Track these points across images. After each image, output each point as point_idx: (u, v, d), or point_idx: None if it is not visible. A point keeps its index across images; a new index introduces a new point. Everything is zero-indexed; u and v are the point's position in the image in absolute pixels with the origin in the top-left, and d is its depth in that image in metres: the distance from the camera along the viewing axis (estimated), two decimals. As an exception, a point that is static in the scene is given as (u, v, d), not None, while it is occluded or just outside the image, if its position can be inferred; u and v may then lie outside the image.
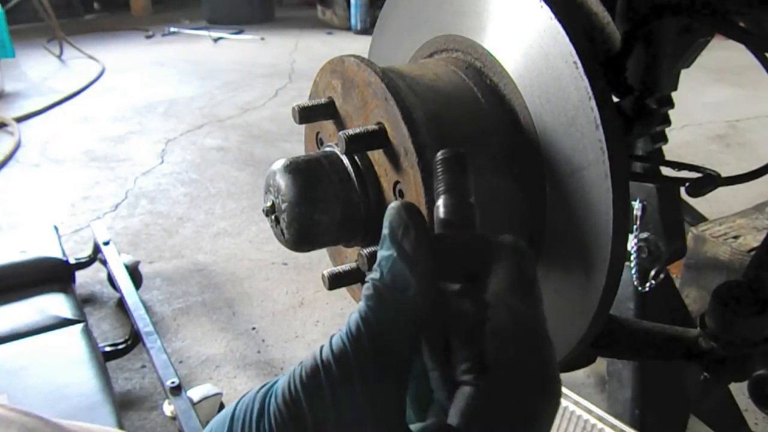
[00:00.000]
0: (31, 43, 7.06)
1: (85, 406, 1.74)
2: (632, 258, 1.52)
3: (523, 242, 0.50)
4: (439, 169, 0.51)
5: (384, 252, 0.47)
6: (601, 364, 1.89)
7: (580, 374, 2.23)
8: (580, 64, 0.61)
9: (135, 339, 2.31)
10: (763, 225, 2.21)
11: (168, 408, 1.95)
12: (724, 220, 2.26)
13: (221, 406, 2.02)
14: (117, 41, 7.52)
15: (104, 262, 2.69)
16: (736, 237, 2.13)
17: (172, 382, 1.91)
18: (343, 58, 0.69)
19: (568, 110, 0.63)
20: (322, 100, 0.72)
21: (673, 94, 1.16)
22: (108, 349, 2.33)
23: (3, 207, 3.64)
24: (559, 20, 0.63)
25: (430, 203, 0.62)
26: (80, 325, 2.11)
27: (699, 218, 2.40)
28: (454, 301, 0.48)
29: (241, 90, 5.71)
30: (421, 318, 0.46)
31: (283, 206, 0.67)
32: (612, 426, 1.56)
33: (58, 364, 1.93)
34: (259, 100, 5.44)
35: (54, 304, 2.22)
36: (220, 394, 1.99)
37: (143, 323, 2.23)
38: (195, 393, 1.93)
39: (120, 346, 2.36)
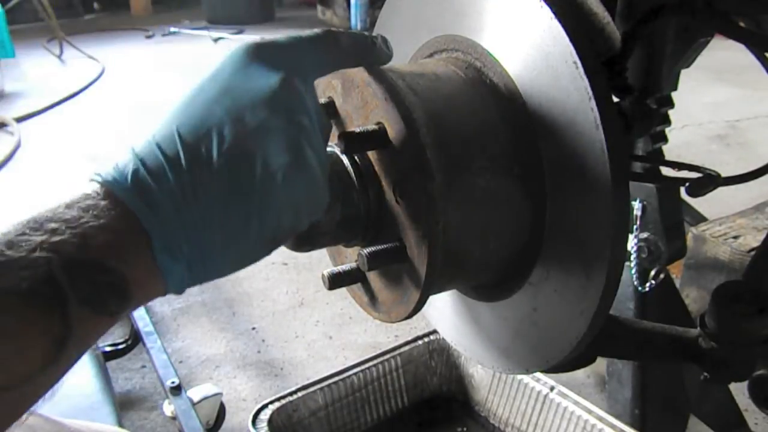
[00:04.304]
0: (31, 43, 7.05)
1: (85, 406, 1.73)
2: (632, 258, 1.51)
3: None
4: None
5: None
6: (601, 364, 1.89)
7: (580, 374, 2.22)
8: (580, 64, 0.61)
9: (135, 339, 2.31)
10: (763, 225, 2.21)
11: (168, 408, 1.94)
12: (724, 220, 2.26)
13: (221, 406, 2.02)
14: (117, 41, 7.52)
15: (104, 262, 2.69)
16: (736, 237, 2.13)
17: (172, 382, 1.91)
18: (343, 58, 0.69)
19: (568, 110, 0.63)
20: (322, 100, 0.72)
21: (673, 94, 1.17)
22: (108, 349, 2.32)
23: (3, 207, 3.64)
24: (559, 20, 0.63)
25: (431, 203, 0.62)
26: (80, 325, 2.11)
27: (699, 218, 2.40)
28: None
29: (241, 90, 5.71)
30: None
31: (283, 206, 0.67)
32: (612, 426, 1.56)
33: (58, 364, 1.92)
34: (259, 100, 5.44)
35: (54, 304, 2.21)
36: (220, 394, 1.99)
37: (143, 323, 2.23)
38: (195, 393, 1.93)
39: (120, 346, 2.35)
